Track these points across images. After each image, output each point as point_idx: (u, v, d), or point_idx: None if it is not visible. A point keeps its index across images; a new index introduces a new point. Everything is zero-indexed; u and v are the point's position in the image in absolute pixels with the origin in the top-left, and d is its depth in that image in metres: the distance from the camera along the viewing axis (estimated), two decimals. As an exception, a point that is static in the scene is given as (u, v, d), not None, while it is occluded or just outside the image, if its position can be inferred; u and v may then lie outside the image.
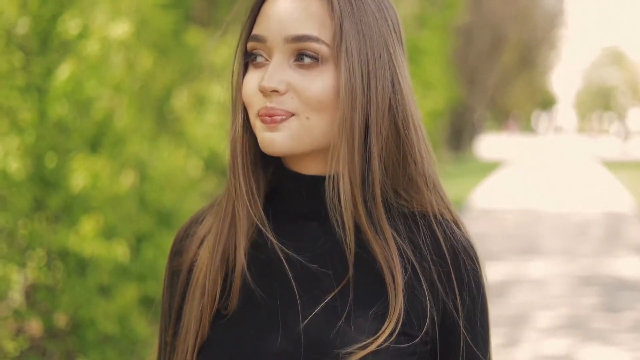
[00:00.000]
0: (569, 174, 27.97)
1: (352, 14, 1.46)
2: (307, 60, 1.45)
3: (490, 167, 30.97)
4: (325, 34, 1.45)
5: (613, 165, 31.96)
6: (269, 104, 1.45)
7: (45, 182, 5.43)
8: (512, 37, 39.28)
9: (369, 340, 1.41)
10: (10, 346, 5.46)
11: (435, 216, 1.51)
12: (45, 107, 5.38)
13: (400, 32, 1.54)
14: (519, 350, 7.03)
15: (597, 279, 9.97)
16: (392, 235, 1.48)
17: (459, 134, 36.77)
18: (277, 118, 1.45)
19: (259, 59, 1.47)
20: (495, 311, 8.02)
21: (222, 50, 8.83)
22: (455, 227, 1.52)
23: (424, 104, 20.71)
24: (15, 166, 5.27)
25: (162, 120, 7.81)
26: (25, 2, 5.51)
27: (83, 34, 5.61)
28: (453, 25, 24.62)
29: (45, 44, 5.62)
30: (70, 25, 5.58)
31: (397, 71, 1.50)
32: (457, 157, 35.45)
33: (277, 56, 1.45)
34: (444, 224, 1.51)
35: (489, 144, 52.44)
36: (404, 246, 1.49)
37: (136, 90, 6.47)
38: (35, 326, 5.78)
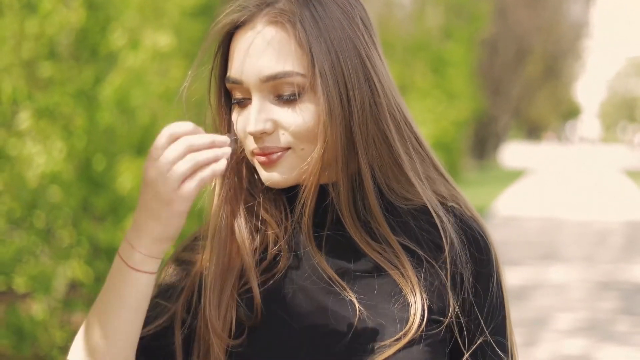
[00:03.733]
0: (591, 182, 27.96)
1: (320, 34, 1.44)
2: (287, 95, 1.44)
3: (513, 176, 30.97)
4: (299, 65, 1.44)
5: (636, 175, 31.95)
6: (261, 145, 1.45)
7: (93, 183, 5.77)
8: (537, 48, 39.37)
9: (404, 330, 1.43)
10: (58, 336, 5.81)
11: (435, 208, 1.51)
12: (93, 114, 5.73)
13: (371, 26, 1.50)
14: (538, 349, 7.26)
15: (617, 284, 10.15)
16: (394, 234, 1.49)
17: (483, 143, 36.90)
18: (274, 156, 1.45)
19: (242, 100, 1.47)
20: (517, 313, 8.25)
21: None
22: (462, 215, 1.53)
23: (448, 113, 20.94)
24: (58, 169, 5.60)
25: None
26: (70, 15, 5.83)
27: (130, 46, 5.95)
28: (478, 37, 24.78)
29: (94, 53, 5.96)
30: (117, 36, 5.93)
31: (372, 73, 1.47)
32: (481, 165, 35.60)
33: (256, 96, 1.45)
34: (445, 215, 1.51)
35: (513, 153, 52.35)
36: (409, 242, 1.50)
37: (176, 98, 6.79)
38: (82, 318, 6.13)
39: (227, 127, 1.51)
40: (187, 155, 1.37)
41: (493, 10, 27.14)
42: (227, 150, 1.40)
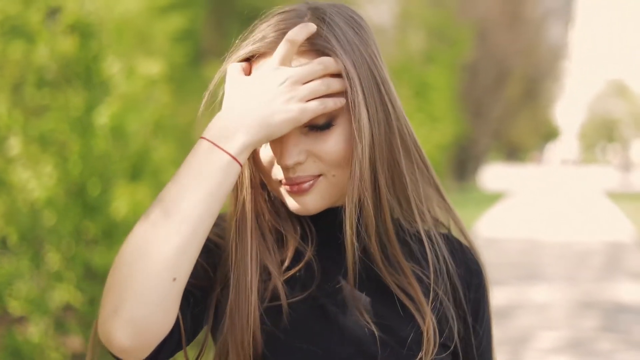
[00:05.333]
0: (572, 204, 28.05)
1: (345, 61, 1.42)
2: (322, 124, 1.42)
3: (494, 198, 31.02)
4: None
5: (615, 196, 32.06)
6: (293, 175, 1.44)
7: (88, 208, 5.89)
8: (516, 71, 39.59)
9: (420, 354, 1.46)
10: (53, 357, 5.90)
11: (432, 236, 1.54)
12: (88, 140, 5.84)
13: (377, 44, 1.49)
14: (522, 367, 7.41)
15: (598, 304, 10.25)
16: (406, 259, 1.51)
17: (463, 165, 36.99)
18: (306, 185, 1.44)
19: None
20: (500, 333, 8.35)
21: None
22: (458, 242, 1.59)
23: (431, 137, 21.08)
24: (49, 194, 5.71)
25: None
26: (62, 42, 5.94)
27: (123, 73, 6.09)
28: (460, 61, 24.96)
29: (87, 80, 6.08)
30: (109, 64, 6.06)
31: (386, 97, 1.46)
32: (461, 187, 35.67)
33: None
34: (443, 242, 1.56)
35: (492, 175, 52.41)
36: (417, 267, 1.52)
37: (166, 123, 6.94)
38: (76, 340, 6.23)
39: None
40: (324, 80, 1.38)
41: (474, 34, 27.36)
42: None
